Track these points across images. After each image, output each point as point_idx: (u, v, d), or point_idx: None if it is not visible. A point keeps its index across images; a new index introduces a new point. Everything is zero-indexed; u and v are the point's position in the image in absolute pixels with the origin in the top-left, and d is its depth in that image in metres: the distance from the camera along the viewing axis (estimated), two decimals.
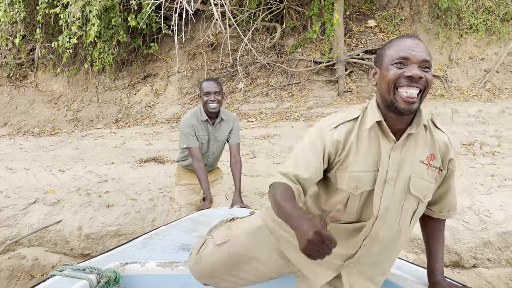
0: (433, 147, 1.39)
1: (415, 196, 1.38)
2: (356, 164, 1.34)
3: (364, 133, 1.36)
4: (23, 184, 4.70)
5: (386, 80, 1.30)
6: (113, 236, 4.14)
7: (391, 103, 1.30)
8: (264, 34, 8.05)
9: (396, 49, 1.30)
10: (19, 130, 7.90)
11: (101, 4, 6.64)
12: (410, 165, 1.35)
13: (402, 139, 1.34)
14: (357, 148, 1.35)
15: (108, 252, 2.20)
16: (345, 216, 1.40)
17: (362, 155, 1.34)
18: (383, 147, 1.34)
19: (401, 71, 1.27)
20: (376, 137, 1.36)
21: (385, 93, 1.31)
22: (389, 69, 1.29)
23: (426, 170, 1.38)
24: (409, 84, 1.26)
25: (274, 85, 7.56)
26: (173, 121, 7.22)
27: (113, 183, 4.68)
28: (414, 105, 1.27)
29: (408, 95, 1.26)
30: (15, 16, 7.30)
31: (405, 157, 1.35)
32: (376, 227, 1.38)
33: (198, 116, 3.20)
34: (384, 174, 1.34)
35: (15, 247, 4.20)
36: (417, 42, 1.30)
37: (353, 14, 8.03)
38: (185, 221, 2.91)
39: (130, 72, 8.46)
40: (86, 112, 8.08)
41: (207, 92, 3.08)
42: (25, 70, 9.04)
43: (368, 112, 1.38)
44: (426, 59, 1.28)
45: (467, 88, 7.05)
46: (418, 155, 1.37)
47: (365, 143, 1.35)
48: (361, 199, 1.37)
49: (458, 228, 3.85)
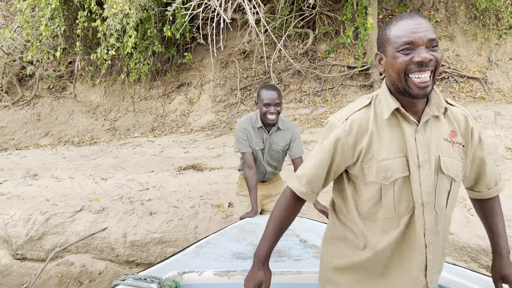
0: (452, 124, 1.34)
1: (447, 176, 1.31)
2: (381, 152, 1.28)
3: (383, 121, 1.30)
4: (68, 192, 4.86)
5: (395, 68, 1.24)
6: (157, 243, 4.21)
7: (404, 90, 1.25)
8: (296, 40, 8.05)
9: (398, 34, 1.23)
10: (60, 140, 8.18)
11: (138, 16, 6.82)
12: (436, 145, 1.30)
13: (424, 121, 1.29)
14: (378, 136, 1.29)
15: (164, 261, 2.24)
16: (382, 212, 1.32)
17: (385, 142, 1.29)
18: (407, 131, 1.29)
19: (409, 57, 1.21)
20: (396, 123, 1.30)
21: (396, 81, 1.26)
22: (396, 57, 1.23)
23: (452, 147, 1.33)
24: (420, 69, 1.20)
25: (307, 91, 7.53)
26: (208, 129, 7.30)
27: (154, 190, 4.77)
28: (428, 89, 1.22)
29: (421, 80, 1.21)
30: (56, 30, 7.59)
31: (430, 138, 1.30)
32: (428, 216, 1.30)
33: (253, 123, 3.03)
34: (416, 159, 1.28)
35: (63, 254, 4.32)
36: (419, 21, 1.22)
37: (386, 17, 7.92)
38: (232, 229, 2.93)
39: (164, 82, 8.63)
40: (123, 122, 8.28)
41: (267, 103, 2.88)
42: (64, 81, 9.37)
43: (382, 100, 1.32)
44: (431, 38, 1.21)
45: (509, 90, 6.82)
46: (442, 134, 1.32)
47: (387, 130, 1.29)
48: (395, 189, 1.30)
49: (509, 235, 3.71)
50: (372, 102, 1.33)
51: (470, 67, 7.28)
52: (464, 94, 6.88)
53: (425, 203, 1.29)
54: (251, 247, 2.49)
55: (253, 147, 3.05)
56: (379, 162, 1.29)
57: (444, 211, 1.34)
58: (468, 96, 6.84)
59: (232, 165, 5.33)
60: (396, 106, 1.27)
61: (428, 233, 1.31)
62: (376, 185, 1.30)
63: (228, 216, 4.27)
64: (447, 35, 7.66)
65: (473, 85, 7.01)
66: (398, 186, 1.30)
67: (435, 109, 1.30)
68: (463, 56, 7.46)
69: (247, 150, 3.02)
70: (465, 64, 7.36)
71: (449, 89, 7.04)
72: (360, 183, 1.35)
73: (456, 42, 7.59)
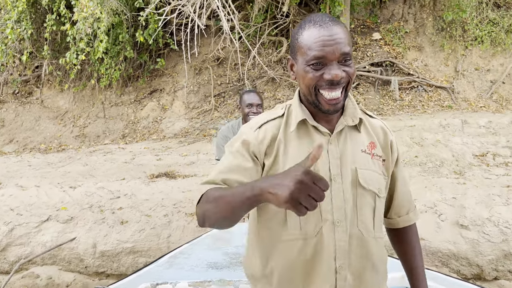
0: (371, 136, 1.24)
1: (368, 191, 1.18)
2: (287, 165, 1.12)
3: (291, 133, 1.19)
4: (34, 201, 4.66)
5: (305, 83, 1.14)
6: (128, 253, 4.08)
7: (315, 105, 1.16)
8: (270, 48, 8.09)
9: (309, 45, 1.10)
10: (25, 147, 7.87)
11: (109, 21, 6.68)
12: (353, 157, 1.18)
13: (337, 131, 1.19)
14: (285, 148, 1.17)
15: (137, 272, 2.17)
16: (286, 234, 1.16)
17: (293, 154, 1.15)
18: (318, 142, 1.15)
19: (319, 73, 1.11)
20: (306, 134, 1.19)
21: (307, 94, 1.17)
22: (306, 71, 1.12)
23: (371, 160, 1.21)
24: (330, 87, 1.11)
25: (281, 98, 7.57)
26: (181, 136, 7.20)
27: (126, 199, 4.64)
28: (339, 105, 1.14)
29: (331, 97, 1.12)
30: (22, 33, 7.34)
31: (345, 149, 1.18)
32: (340, 236, 1.14)
33: (235, 130, 3.12)
34: (327, 172, 1.15)
35: (29, 266, 4.13)
36: (332, 31, 1.09)
37: (358, 27, 8.09)
38: (206, 238, 2.89)
39: (136, 88, 8.48)
40: (92, 128, 8.06)
41: (249, 104, 3.04)
42: (30, 86, 9.04)
43: (292, 110, 1.23)
44: (344, 52, 1.10)
45: (474, 99, 7.07)
46: (359, 145, 1.21)
47: (295, 142, 1.18)
48: None
49: (479, 240, 3.81)
50: (285, 113, 1.22)
51: (438, 77, 7.50)
52: (433, 103, 7.08)
53: (337, 220, 1.14)
54: (226, 256, 2.44)
55: None
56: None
57: (372, 231, 1.19)
58: (436, 104, 7.04)
59: (206, 172, 5.26)
60: (302, 118, 1.18)
61: (340, 255, 1.14)
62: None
63: None
64: (416, 46, 7.88)
65: (441, 94, 7.23)
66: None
67: (350, 119, 1.21)
68: (431, 66, 7.69)
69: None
70: (433, 73, 7.59)
71: (418, 98, 7.23)
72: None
73: (425, 52, 7.82)
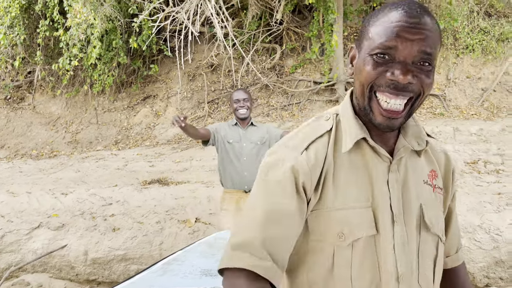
0: (432, 162, 0.98)
1: (433, 235, 0.92)
2: (337, 197, 0.87)
3: (343, 154, 0.90)
4: (25, 208, 4.61)
5: (360, 78, 0.86)
6: (120, 260, 4.05)
7: (365, 112, 0.88)
8: (264, 55, 8.13)
9: (379, 30, 0.82)
10: (16, 153, 7.80)
11: (103, 27, 6.67)
12: (416, 189, 0.92)
13: (399, 156, 0.91)
14: (335, 175, 0.88)
15: (130, 279, 2.15)
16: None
17: (344, 184, 0.88)
18: (377, 170, 0.89)
19: (381, 69, 0.82)
20: (361, 157, 0.90)
21: (359, 94, 0.88)
22: (365, 62, 0.84)
23: (433, 193, 0.95)
24: (392, 92, 0.82)
25: (275, 105, 7.59)
26: (174, 142, 7.18)
27: (118, 206, 4.61)
28: (397, 121, 0.85)
29: (390, 107, 0.83)
30: (15, 39, 7.30)
31: (407, 179, 0.91)
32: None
33: (229, 123, 3.42)
34: (388, 210, 0.87)
35: (19, 273, 4.08)
36: (417, 20, 0.80)
37: (351, 35, 8.15)
38: (200, 245, 2.87)
39: (129, 94, 8.46)
40: (85, 134, 8.01)
41: (236, 99, 3.31)
42: (22, 92, 8.98)
43: (343, 122, 0.92)
44: (425, 51, 0.81)
45: (466, 107, 7.14)
46: (420, 174, 0.95)
47: (347, 167, 0.89)
48: (355, 254, 0.86)
49: (470, 247, 3.83)
50: (333, 127, 0.92)
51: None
52: (425, 110, 7.14)
53: (402, 276, 0.86)
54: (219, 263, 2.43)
55: (227, 140, 3.33)
56: (332, 212, 0.86)
57: (432, 286, 0.94)
58: (428, 112, 7.10)
59: (199, 179, 5.24)
60: (361, 135, 0.88)
61: None
62: (325, 247, 0.87)
63: (195, 232, 4.18)
64: None
65: (433, 102, 7.30)
66: (359, 250, 0.86)
67: (414, 141, 0.93)
68: None
69: (210, 128, 3.36)
70: None
71: None
72: (300, 241, 0.89)
73: None
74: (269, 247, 0.79)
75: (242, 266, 0.78)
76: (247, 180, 3.25)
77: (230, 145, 3.27)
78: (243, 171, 3.25)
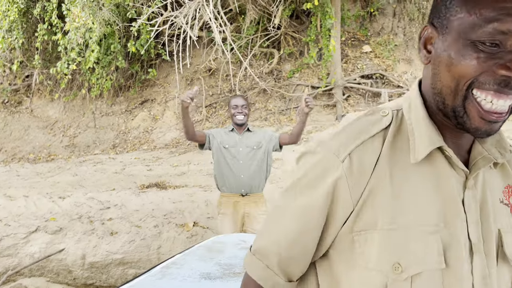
0: (508, 175, 0.79)
1: (509, 265, 0.74)
2: (396, 215, 0.68)
3: (407, 162, 0.71)
4: (23, 212, 4.60)
5: (453, 72, 0.65)
6: (118, 264, 4.04)
7: (455, 115, 0.68)
8: (262, 60, 8.17)
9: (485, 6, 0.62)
10: (13, 157, 7.79)
11: (101, 31, 6.69)
12: (493, 210, 0.74)
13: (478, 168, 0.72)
14: (393, 185, 0.69)
15: (129, 283, 2.15)
16: None
17: (407, 199, 0.68)
18: (449, 185, 0.71)
19: (491, 63, 0.62)
20: (429, 167, 0.71)
21: (446, 93, 0.67)
22: (464, 53, 0.64)
23: (510, 214, 0.77)
24: (501, 90, 0.63)
25: (273, 109, 7.62)
26: (172, 146, 7.19)
27: (116, 209, 4.61)
28: (497, 126, 0.67)
29: (495, 108, 0.64)
30: (13, 43, 7.32)
31: (484, 199, 0.73)
32: None
33: (226, 129, 3.47)
34: (464, 236, 0.69)
35: (16, 277, 4.07)
36: None
37: (349, 40, 8.20)
38: (199, 248, 2.88)
39: (127, 98, 8.47)
40: (82, 138, 8.01)
41: (235, 105, 3.35)
42: (20, 96, 8.99)
43: (411, 123, 0.72)
44: None
45: None
46: (495, 191, 0.76)
47: (408, 178, 0.70)
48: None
49: None
50: (392, 124, 0.73)
51: None
52: None
53: None
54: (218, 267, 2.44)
55: (224, 145, 3.35)
56: (388, 232, 0.68)
57: None
58: None
59: (197, 183, 5.25)
60: (439, 144, 0.69)
61: None
62: (375, 278, 0.68)
63: (193, 236, 4.18)
64: (406, 59, 8.02)
65: None
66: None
67: (496, 151, 0.74)
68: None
69: (207, 132, 3.41)
70: None
71: None
72: (343, 269, 0.72)
73: (414, 65, 7.95)
74: (287, 266, 0.76)
75: (255, 278, 0.77)
76: (244, 184, 3.28)
77: (226, 150, 3.31)
78: (239, 174, 3.29)
